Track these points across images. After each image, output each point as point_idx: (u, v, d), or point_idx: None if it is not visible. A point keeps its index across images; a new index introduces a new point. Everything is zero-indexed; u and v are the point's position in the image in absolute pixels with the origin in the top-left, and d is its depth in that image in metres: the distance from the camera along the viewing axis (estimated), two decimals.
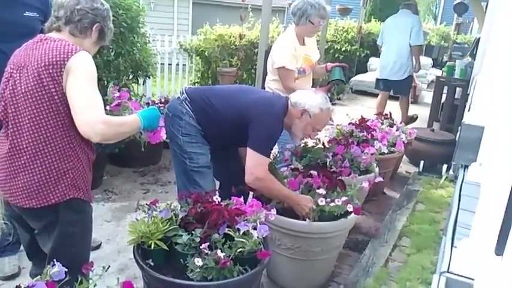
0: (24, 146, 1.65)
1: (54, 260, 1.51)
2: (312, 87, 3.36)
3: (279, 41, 3.31)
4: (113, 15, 3.95)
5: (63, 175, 1.70)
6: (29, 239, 1.90)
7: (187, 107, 2.34)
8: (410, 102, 6.34)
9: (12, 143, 1.67)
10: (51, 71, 1.61)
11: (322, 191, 2.35)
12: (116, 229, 3.06)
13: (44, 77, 1.61)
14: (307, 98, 2.36)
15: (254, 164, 2.22)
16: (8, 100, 1.68)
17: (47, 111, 1.63)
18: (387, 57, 5.86)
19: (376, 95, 8.33)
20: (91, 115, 1.59)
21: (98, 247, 2.82)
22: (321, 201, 2.28)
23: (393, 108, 6.50)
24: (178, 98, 2.41)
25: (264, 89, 3.39)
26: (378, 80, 6.10)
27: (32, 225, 1.81)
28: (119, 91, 3.57)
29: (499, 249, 0.95)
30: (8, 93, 1.68)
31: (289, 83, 3.10)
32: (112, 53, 4.07)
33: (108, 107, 3.18)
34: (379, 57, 9.94)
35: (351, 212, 2.38)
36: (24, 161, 1.66)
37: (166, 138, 2.10)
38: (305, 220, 2.28)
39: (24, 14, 2.25)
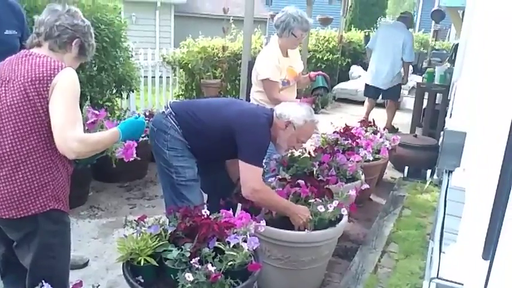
0: (7, 157, 1.67)
1: (37, 276, 1.52)
2: (297, 97, 3.39)
3: (262, 53, 3.34)
4: (95, 31, 3.96)
5: (44, 187, 1.72)
6: (3, 253, 1.91)
7: (172, 121, 2.34)
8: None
9: None
10: (37, 86, 1.66)
11: (318, 200, 2.37)
12: (103, 246, 3.02)
13: (30, 91, 1.65)
14: (292, 110, 2.39)
15: (249, 176, 2.22)
16: None
17: (30, 125, 1.67)
18: (381, 66, 6.12)
19: (358, 103, 8.55)
20: (68, 133, 1.63)
21: (85, 265, 2.77)
22: (320, 208, 2.30)
23: (377, 115, 6.62)
24: (163, 112, 2.41)
25: (249, 100, 3.42)
26: (367, 86, 6.36)
27: (10, 236, 1.81)
28: (94, 109, 3.59)
29: (486, 254, 0.97)
30: None
31: (273, 94, 3.13)
32: (95, 68, 4.06)
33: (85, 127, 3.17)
34: (360, 65, 10.16)
35: (340, 219, 2.40)
36: (6, 172, 1.68)
37: (135, 154, 2.01)
38: (302, 230, 2.29)
39: (5, 33, 2.27)
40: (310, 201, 2.39)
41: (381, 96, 6.49)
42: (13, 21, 2.35)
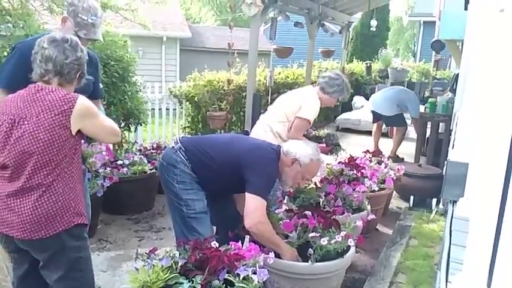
0: (36, 184, 1.83)
1: None
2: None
3: (310, 95, 3.49)
4: (105, 66, 4.11)
5: (68, 205, 1.90)
6: (24, 271, 2.02)
7: (181, 155, 2.41)
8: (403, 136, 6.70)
9: (25, 183, 1.82)
10: (61, 119, 1.84)
11: (315, 234, 2.39)
12: (112, 279, 3.03)
13: (56, 125, 1.83)
14: (299, 148, 2.46)
15: (254, 208, 2.26)
16: (16, 147, 1.82)
17: (56, 153, 1.85)
18: (380, 94, 6.69)
19: (361, 132, 8.72)
20: (118, 132, 2.12)
21: None
22: (323, 241, 2.32)
23: (381, 145, 6.69)
24: (173, 147, 2.48)
25: (251, 131, 3.54)
26: (371, 111, 6.80)
27: (37, 256, 1.94)
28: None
29: (491, 282, 1.01)
30: (15, 140, 1.82)
31: (300, 135, 3.33)
32: (104, 103, 4.16)
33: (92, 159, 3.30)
34: (362, 95, 10.36)
35: (348, 250, 2.42)
36: (35, 198, 1.82)
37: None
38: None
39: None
40: (311, 235, 2.39)
41: (384, 124, 6.81)
42: (89, 68, 2.50)
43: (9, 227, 1.84)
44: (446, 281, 1.46)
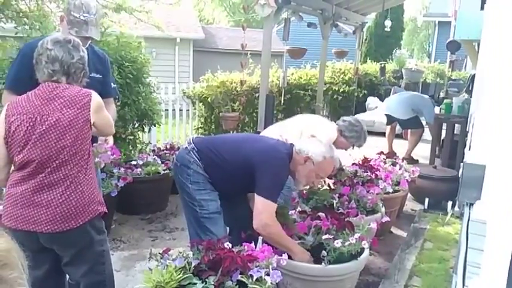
0: (62, 176, 1.89)
1: (93, 282, 2.02)
2: None
3: (330, 126, 3.54)
4: (119, 68, 4.13)
5: (92, 194, 1.97)
6: (42, 274, 2.02)
7: (194, 156, 2.42)
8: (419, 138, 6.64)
9: (50, 176, 1.87)
10: (84, 112, 1.91)
11: (329, 236, 2.37)
12: (125, 279, 3.05)
13: (80, 118, 1.91)
14: (312, 145, 2.44)
15: (262, 210, 2.26)
16: (43, 143, 1.85)
17: (81, 146, 1.92)
18: (395, 98, 6.72)
19: (375, 133, 8.69)
20: (113, 123, 2.21)
21: None
22: (337, 243, 2.31)
23: (396, 147, 6.64)
24: (186, 148, 2.49)
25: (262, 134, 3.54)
26: (385, 115, 6.82)
27: (64, 253, 1.98)
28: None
29: (510, 287, 0.99)
30: (39, 136, 1.85)
31: None
32: (118, 103, 4.20)
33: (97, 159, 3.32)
34: (376, 96, 10.29)
35: (362, 252, 2.40)
36: (62, 189, 1.87)
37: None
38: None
39: (91, 75, 2.38)
40: (324, 236, 2.38)
41: (399, 126, 6.79)
42: (98, 66, 2.58)
43: (36, 223, 1.85)
44: (463, 285, 1.44)
